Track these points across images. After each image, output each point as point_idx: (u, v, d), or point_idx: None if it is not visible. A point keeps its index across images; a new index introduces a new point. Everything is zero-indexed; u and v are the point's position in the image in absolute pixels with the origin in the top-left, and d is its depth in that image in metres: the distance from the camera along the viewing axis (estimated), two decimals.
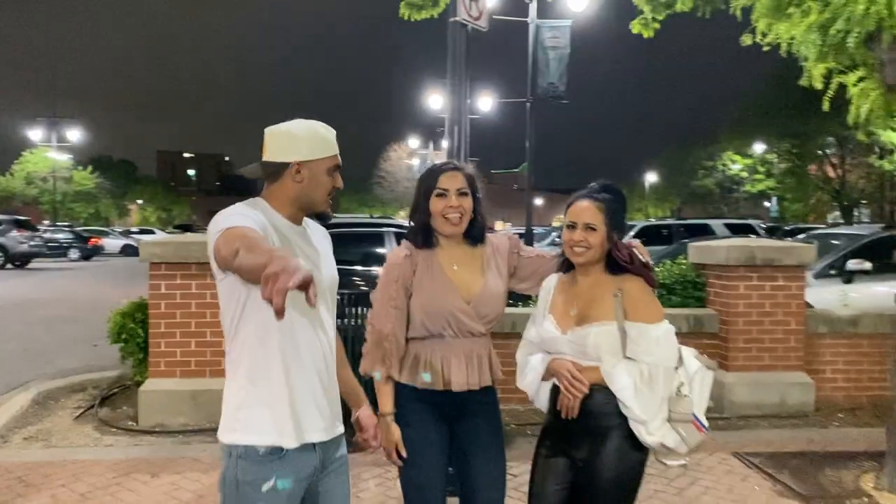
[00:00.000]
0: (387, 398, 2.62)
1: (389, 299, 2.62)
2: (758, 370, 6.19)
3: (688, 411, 2.36)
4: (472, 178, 2.67)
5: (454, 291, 2.59)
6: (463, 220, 2.60)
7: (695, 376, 2.42)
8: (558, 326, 2.51)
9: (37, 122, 49.42)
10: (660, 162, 56.61)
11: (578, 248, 2.47)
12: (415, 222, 2.68)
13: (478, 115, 28.05)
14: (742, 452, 5.06)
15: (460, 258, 2.66)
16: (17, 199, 51.10)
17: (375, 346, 2.63)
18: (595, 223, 2.46)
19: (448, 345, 2.59)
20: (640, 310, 2.41)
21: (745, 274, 6.18)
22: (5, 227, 26.46)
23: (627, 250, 2.47)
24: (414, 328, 2.61)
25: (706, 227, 17.99)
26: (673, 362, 2.40)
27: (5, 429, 5.59)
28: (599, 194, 2.52)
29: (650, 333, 2.38)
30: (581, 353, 2.44)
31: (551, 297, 2.61)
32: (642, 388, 2.35)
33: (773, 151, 40.17)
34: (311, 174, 2.12)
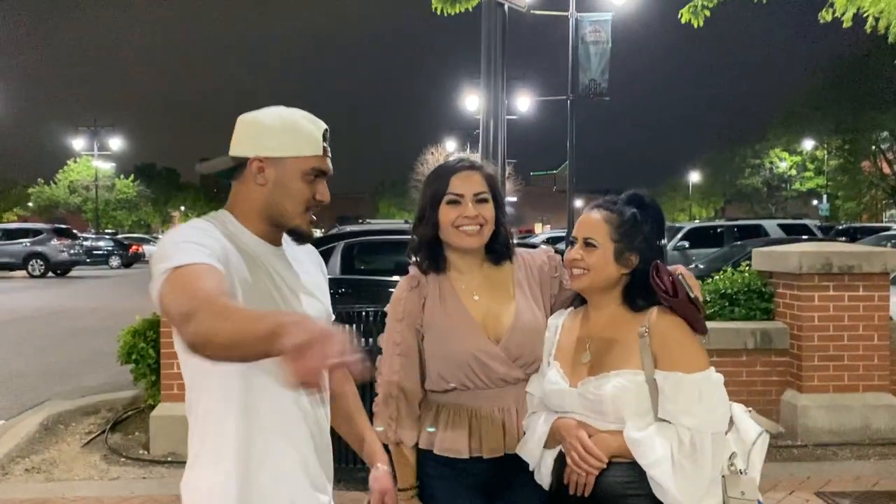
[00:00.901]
0: (405, 469, 2.05)
1: (394, 345, 2.05)
2: (836, 391, 5.49)
3: (752, 497, 1.74)
4: (494, 179, 2.08)
5: (476, 329, 1.99)
6: (483, 231, 2.00)
7: (755, 445, 1.80)
8: (566, 377, 1.90)
9: (79, 131, 50.28)
10: (704, 160, 55.35)
11: (576, 270, 1.91)
12: (418, 237, 2.08)
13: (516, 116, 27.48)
14: (828, 492, 4.38)
15: (482, 283, 2.05)
16: (60, 208, 52.04)
17: (384, 402, 2.07)
18: (595, 238, 1.88)
19: (476, 397, 2.00)
20: (676, 354, 1.77)
21: (821, 283, 5.49)
22: (46, 236, 26.65)
23: (670, 278, 1.80)
24: (431, 381, 2.03)
25: (759, 228, 17.15)
26: (723, 425, 1.77)
27: (7, 458, 5.16)
28: (615, 205, 1.94)
29: (691, 386, 1.74)
30: (596, 412, 1.83)
31: (558, 338, 1.99)
32: (683, 462, 1.71)
33: (824, 147, 38.82)
34: (279, 177, 1.61)
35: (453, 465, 2.01)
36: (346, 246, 7.87)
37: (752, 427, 1.81)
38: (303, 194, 1.63)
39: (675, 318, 1.81)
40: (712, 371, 1.79)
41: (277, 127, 1.61)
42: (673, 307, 1.80)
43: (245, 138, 1.63)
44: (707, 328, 1.85)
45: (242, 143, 1.63)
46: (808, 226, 18.12)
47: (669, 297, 1.78)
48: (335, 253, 7.74)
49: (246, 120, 1.66)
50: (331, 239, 8.35)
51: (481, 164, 2.10)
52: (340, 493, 4.41)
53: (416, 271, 2.09)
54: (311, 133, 1.63)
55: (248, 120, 1.66)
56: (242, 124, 1.66)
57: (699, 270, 11.45)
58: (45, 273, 26.12)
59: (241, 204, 1.66)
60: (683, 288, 1.77)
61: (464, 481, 2.03)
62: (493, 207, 2.02)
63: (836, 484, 4.54)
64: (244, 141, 1.63)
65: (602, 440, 1.80)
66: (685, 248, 17.55)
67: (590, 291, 1.92)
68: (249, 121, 1.65)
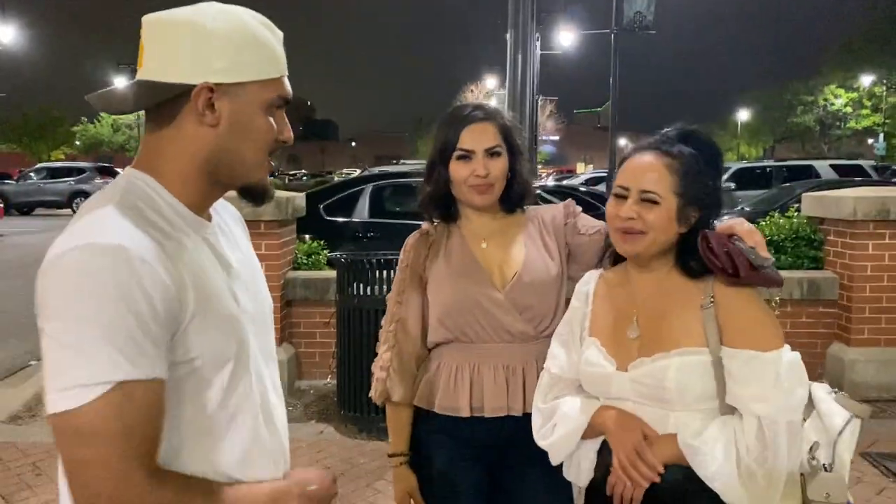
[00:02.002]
0: (397, 431, 1.93)
1: (396, 294, 1.93)
2: (887, 345, 5.19)
3: (840, 499, 1.46)
4: (509, 129, 1.89)
5: (482, 275, 1.85)
6: (494, 189, 1.85)
7: (842, 435, 1.48)
8: (610, 357, 1.60)
9: (120, 68, 50.41)
10: (754, 97, 53.38)
11: (628, 230, 1.56)
12: (429, 192, 1.92)
13: (558, 51, 26.62)
14: (873, 453, 4.14)
15: (492, 232, 1.91)
16: (105, 146, 52.76)
17: (381, 355, 1.96)
18: (658, 192, 1.53)
19: (477, 352, 1.84)
20: (747, 328, 1.48)
21: (876, 230, 5.13)
22: (89, 175, 27.05)
23: (725, 249, 1.47)
24: (432, 330, 1.89)
25: (810, 169, 16.47)
26: (800, 412, 1.47)
27: (35, 399, 5.18)
28: (674, 146, 1.58)
29: (765, 366, 1.45)
30: (656, 400, 1.54)
31: (591, 306, 1.69)
32: (752, 466, 1.42)
33: (883, 84, 37.04)
34: (236, 112, 1.13)
35: (452, 432, 1.87)
36: (375, 188, 7.67)
37: (837, 412, 1.51)
38: (267, 134, 1.17)
39: (743, 288, 1.52)
40: (788, 348, 1.49)
41: (230, 38, 1.11)
42: (737, 285, 1.51)
43: (179, 55, 1.10)
44: (782, 280, 1.52)
45: (174, 64, 1.10)
46: (863, 166, 17.31)
47: (729, 275, 1.49)
48: (363, 195, 7.56)
49: (173, 26, 1.11)
50: (358, 181, 8.15)
51: (496, 113, 1.92)
52: (360, 442, 4.34)
53: (427, 224, 1.97)
54: (273, 47, 1.16)
55: (178, 26, 1.10)
56: (168, 33, 1.11)
57: (745, 213, 11.01)
58: None
59: (172, 158, 1.14)
60: (743, 258, 1.46)
61: (465, 451, 1.88)
62: (506, 159, 1.86)
63: (883, 444, 4.29)
64: (177, 60, 1.10)
65: (659, 445, 1.52)
66: (731, 189, 16.99)
67: (643, 255, 1.60)
68: (181, 28, 1.10)
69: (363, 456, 4.14)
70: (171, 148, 1.14)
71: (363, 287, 4.42)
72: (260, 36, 1.14)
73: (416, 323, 1.90)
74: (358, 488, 3.74)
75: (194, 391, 1.12)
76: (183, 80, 1.10)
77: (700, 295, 1.54)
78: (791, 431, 1.44)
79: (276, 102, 1.17)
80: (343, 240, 6.95)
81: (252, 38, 1.13)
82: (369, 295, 4.38)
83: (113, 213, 1.07)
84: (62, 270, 1.01)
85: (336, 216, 7.40)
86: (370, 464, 4.04)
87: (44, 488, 3.79)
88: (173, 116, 1.12)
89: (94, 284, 0.99)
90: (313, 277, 5.39)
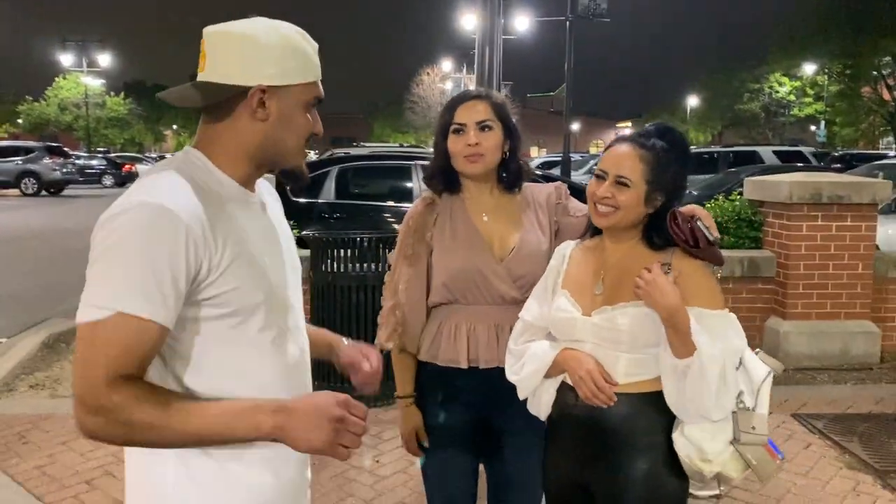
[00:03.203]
0: (404, 378, 2.21)
1: (403, 257, 2.17)
2: (818, 318, 5.64)
3: (764, 431, 1.78)
4: (501, 107, 2.13)
5: (483, 246, 2.11)
6: (486, 158, 2.09)
7: (763, 384, 1.81)
8: (577, 305, 1.90)
9: (67, 46, 49.02)
10: (703, 83, 54.51)
11: (603, 207, 1.86)
12: (433, 165, 2.19)
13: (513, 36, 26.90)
14: (803, 414, 4.57)
15: (492, 207, 2.16)
16: (51, 126, 51.29)
17: (391, 311, 2.20)
18: (630, 177, 1.83)
19: (473, 313, 2.11)
20: (698, 290, 1.79)
21: (809, 213, 5.56)
22: (38, 154, 26.39)
23: (689, 225, 1.79)
24: (435, 291, 2.14)
25: (754, 155, 17.11)
26: (735, 360, 1.78)
27: (11, 375, 5.31)
28: (650, 140, 1.87)
29: (711, 320, 1.76)
30: (611, 342, 1.84)
31: (566, 267, 1.99)
32: (685, 385, 1.74)
33: (825, 72, 38.24)
34: (283, 110, 1.36)
35: (452, 382, 2.13)
36: (341, 170, 7.87)
37: (760, 367, 1.83)
38: (306, 128, 1.41)
39: (696, 260, 1.83)
40: (727, 311, 1.82)
41: (278, 49, 1.34)
42: (696, 256, 1.82)
43: (236, 61, 1.32)
44: (724, 259, 1.88)
45: (233, 68, 1.32)
46: (804, 153, 18.04)
47: (691, 246, 1.80)
48: (329, 177, 7.75)
49: (231, 37, 1.34)
50: (325, 163, 8.33)
51: (489, 93, 2.17)
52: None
53: (430, 193, 2.20)
54: (311, 56, 1.40)
55: (235, 37, 1.34)
56: (227, 42, 1.34)
57: (692, 197, 11.49)
58: (38, 192, 26.00)
59: (226, 144, 1.37)
60: (703, 234, 1.79)
61: (460, 399, 2.14)
62: (498, 135, 2.10)
63: (812, 406, 4.73)
64: (235, 65, 1.32)
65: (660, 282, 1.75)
66: None
67: (614, 229, 1.90)
68: (237, 39, 1.33)
69: None
70: (227, 136, 1.37)
71: (335, 264, 4.66)
72: (301, 47, 1.38)
73: (421, 283, 2.14)
74: None
75: (229, 331, 1.34)
76: (241, 83, 1.32)
77: (660, 264, 1.83)
78: (724, 376, 1.74)
79: (312, 102, 1.41)
80: (310, 220, 7.14)
81: (295, 48, 1.37)
82: (341, 272, 4.63)
83: (167, 179, 1.30)
84: (114, 223, 1.24)
85: (302, 197, 7.58)
86: None
87: (31, 455, 3.96)
88: (230, 111, 1.35)
89: (131, 235, 1.22)
90: None
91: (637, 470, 1.82)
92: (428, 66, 55.37)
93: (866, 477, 3.74)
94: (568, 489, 1.96)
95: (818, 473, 3.78)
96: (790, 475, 3.75)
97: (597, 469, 1.88)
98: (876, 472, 3.77)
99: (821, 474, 3.77)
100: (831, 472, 3.80)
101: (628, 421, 1.83)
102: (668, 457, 1.82)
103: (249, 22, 1.37)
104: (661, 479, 1.83)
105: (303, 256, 5.20)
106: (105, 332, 1.21)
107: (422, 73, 56.23)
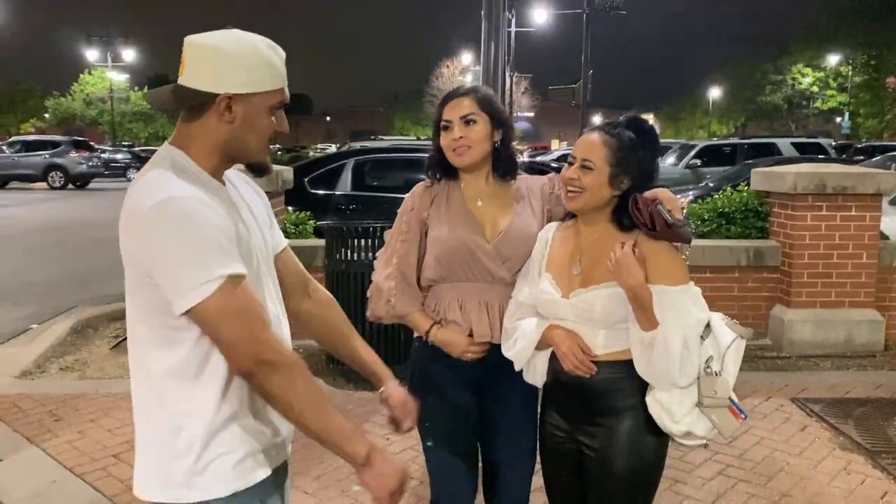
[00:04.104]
0: (417, 322, 2.33)
1: (399, 233, 2.33)
2: (822, 307, 5.75)
3: (724, 395, 1.95)
4: (487, 100, 2.27)
5: (475, 227, 2.26)
6: (472, 151, 2.23)
7: (729, 350, 1.96)
8: (558, 287, 2.08)
9: (92, 42, 49.75)
10: (725, 75, 54.05)
11: (570, 190, 2.04)
12: (431, 158, 2.36)
13: (533, 28, 26.92)
14: (801, 398, 4.70)
15: (486, 194, 2.31)
16: (77, 120, 52.09)
17: (384, 280, 2.34)
18: (592, 161, 2.00)
19: (464, 289, 2.27)
20: (660, 270, 1.95)
21: (814, 203, 5.67)
22: (64, 148, 26.88)
23: (648, 209, 1.94)
24: (428, 268, 2.30)
25: (772, 147, 17.05)
26: (698, 330, 1.95)
27: (43, 357, 5.58)
28: (615, 129, 2.04)
29: (673, 296, 1.92)
30: (586, 320, 2.03)
31: (549, 250, 2.16)
32: (651, 356, 1.92)
33: (848, 63, 37.79)
34: (247, 114, 1.54)
35: (446, 359, 2.28)
36: (357, 163, 8.07)
37: (727, 333, 1.97)
38: (269, 129, 1.59)
39: (658, 240, 1.99)
40: (691, 284, 1.97)
41: (245, 60, 1.52)
42: (654, 237, 1.97)
43: (208, 71, 1.50)
44: (691, 238, 2.02)
45: (205, 77, 1.50)
46: (822, 144, 17.94)
47: (648, 229, 1.96)
48: (346, 169, 7.95)
49: (205, 48, 1.51)
50: (342, 156, 8.53)
51: (474, 88, 2.31)
52: (349, 392, 4.80)
53: (430, 181, 2.37)
54: (276, 65, 1.57)
55: (209, 49, 1.51)
56: (201, 53, 1.52)
57: (708, 189, 11.55)
58: (64, 185, 26.49)
59: (197, 140, 1.55)
60: (661, 217, 1.93)
61: (457, 376, 2.30)
62: (484, 127, 2.23)
63: (812, 391, 4.85)
64: (207, 74, 1.50)
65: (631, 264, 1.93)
66: (697, 166, 17.52)
67: (582, 211, 2.09)
68: (211, 50, 1.51)
69: (351, 403, 4.61)
70: (199, 134, 1.55)
71: (350, 253, 4.86)
72: (267, 57, 1.55)
73: (414, 258, 2.31)
74: None
75: None
76: (210, 90, 1.51)
77: (628, 244, 2.00)
78: (687, 344, 1.90)
79: (277, 106, 1.59)
80: (326, 211, 7.35)
81: (261, 60, 1.54)
82: (356, 260, 4.83)
83: (171, 174, 1.49)
84: (156, 217, 1.41)
85: (320, 189, 7.79)
86: (359, 409, 4.50)
87: (63, 431, 4.20)
88: (202, 113, 1.54)
89: (186, 220, 1.41)
90: (301, 245, 5.79)
91: (621, 427, 2.02)
92: (448, 59, 55.42)
93: (858, 457, 3.87)
94: (560, 444, 2.16)
95: (811, 454, 3.91)
96: (784, 455, 3.89)
97: (586, 428, 2.07)
98: (868, 453, 3.90)
99: (814, 455, 3.91)
100: (824, 452, 3.94)
101: (610, 386, 2.03)
102: (647, 415, 2.00)
103: (223, 34, 1.55)
104: (643, 435, 2.02)
105: (318, 245, 5.44)
106: (231, 294, 1.41)
107: (442, 66, 56.28)
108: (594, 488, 2.08)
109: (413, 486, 3.57)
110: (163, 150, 1.58)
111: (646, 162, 2.05)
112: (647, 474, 2.06)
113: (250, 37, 1.56)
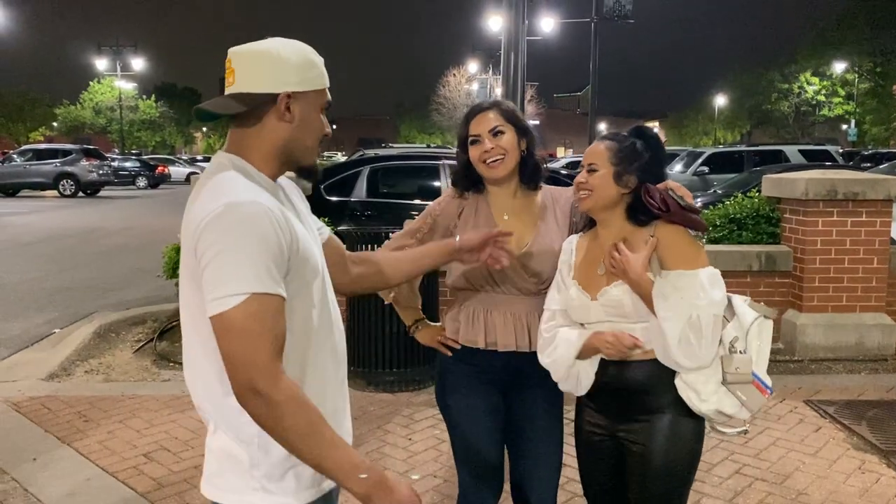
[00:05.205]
0: (405, 315, 2.52)
1: (415, 230, 2.41)
2: (834, 311, 5.82)
3: (747, 370, 2.04)
4: (511, 112, 2.36)
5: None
6: (505, 161, 2.30)
7: (751, 329, 2.06)
8: (585, 291, 2.16)
9: (102, 51, 50.17)
10: (731, 84, 54.14)
11: (581, 192, 2.17)
12: (458, 172, 2.43)
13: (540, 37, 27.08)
14: (815, 400, 4.78)
15: (513, 207, 2.37)
16: (86, 129, 52.49)
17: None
18: (596, 163, 2.15)
19: (491, 300, 2.34)
20: (678, 256, 2.04)
21: (825, 209, 5.75)
22: (75, 157, 27.12)
23: (660, 194, 2.05)
24: (455, 277, 2.37)
25: (779, 154, 17.12)
26: (721, 308, 2.04)
27: (69, 361, 5.70)
28: (618, 136, 2.21)
29: (695, 279, 2.01)
30: (619, 316, 2.10)
31: (573, 259, 2.25)
32: (689, 334, 1.98)
33: (855, 71, 37.85)
34: (303, 113, 1.57)
35: (472, 360, 2.36)
36: (372, 170, 8.18)
37: (748, 313, 2.08)
38: (321, 128, 1.62)
39: (675, 226, 2.09)
40: (711, 268, 2.06)
41: (296, 61, 1.56)
42: (669, 220, 2.07)
43: (263, 73, 1.53)
44: (706, 226, 2.13)
45: (262, 79, 1.53)
46: (830, 152, 17.98)
47: (663, 211, 2.05)
48: (361, 177, 8.07)
49: (256, 53, 1.55)
50: (357, 163, 8.65)
51: (496, 102, 2.40)
52: (369, 394, 4.89)
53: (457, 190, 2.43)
54: (320, 66, 1.62)
55: (260, 53, 1.55)
56: (253, 58, 1.55)
57: (717, 196, 11.64)
58: (75, 193, 26.72)
59: (259, 146, 1.56)
60: (673, 200, 2.04)
61: (482, 377, 2.37)
62: (513, 137, 2.30)
63: (825, 394, 4.92)
64: (263, 76, 1.53)
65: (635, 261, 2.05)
66: (705, 173, 17.58)
67: (595, 211, 2.16)
68: (263, 54, 1.55)
69: (372, 405, 4.70)
70: (257, 139, 1.56)
71: None
72: (314, 59, 1.60)
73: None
74: (370, 430, 4.31)
75: (306, 297, 1.58)
76: (271, 90, 1.53)
77: (646, 237, 2.11)
78: (714, 323, 2.00)
79: (325, 105, 1.63)
80: (343, 218, 7.46)
81: (310, 61, 1.59)
82: None
83: (237, 177, 1.49)
84: (223, 221, 1.40)
85: (335, 196, 7.91)
86: (379, 411, 4.60)
87: (93, 431, 4.31)
88: (259, 117, 1.55)
89: (244, 228, 1.40)
90: None
91: (662, 420, 2.10)
92: (454, 68, 55.65)
93: (872, 457, 3.95)
94: (600, 441, 2.25)
95: (826, 454, 3.99)
96: (799, 455, 3.97)
97: (627, 425, 2.16)
98: (882, 452, 3.98)
99: (829, 454, 3.99)
100: (839, 452, 4.02)
101: (648, 384, 2.11)
102: (685, 406, 2.09)
103: (267, 41, 1.59)
104: (680, 425, 2.11)
105: None
106: (250, 312, 1.37)
107: (448, 75, 56.51)
108: (635, 479, 2.17)
109: (437, 485, 3.66)
110: (221, 156, 1.58)
111: (653, 164, 2.17)
112: (686, 460, 2.14)
113: (293, 41, 1.60)
